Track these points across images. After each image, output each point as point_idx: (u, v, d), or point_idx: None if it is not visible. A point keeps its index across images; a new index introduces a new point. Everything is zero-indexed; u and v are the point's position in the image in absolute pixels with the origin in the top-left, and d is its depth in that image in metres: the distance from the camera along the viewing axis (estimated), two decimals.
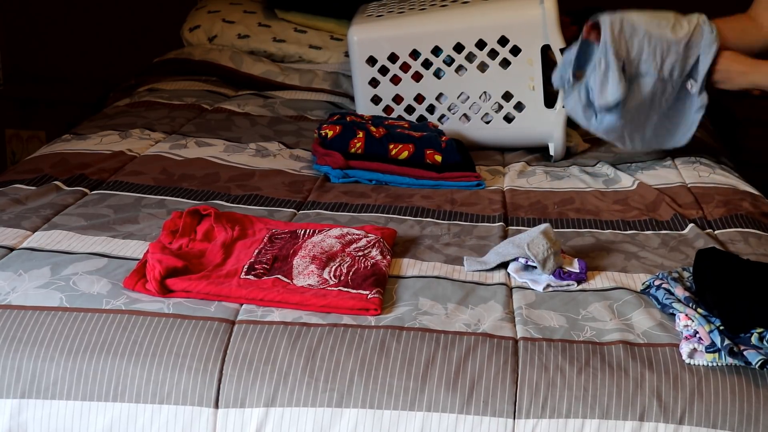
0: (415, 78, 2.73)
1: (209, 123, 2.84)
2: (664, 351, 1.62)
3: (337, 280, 1.78)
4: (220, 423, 1.56)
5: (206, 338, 1.62)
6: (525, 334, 1.65)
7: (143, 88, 3.21)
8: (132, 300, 1.71)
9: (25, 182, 2.26)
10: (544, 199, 2.34)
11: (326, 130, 2.49)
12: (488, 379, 1.56)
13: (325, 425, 1.55)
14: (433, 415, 1.54)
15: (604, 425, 1.53)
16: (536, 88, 2.67)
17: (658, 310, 1.74)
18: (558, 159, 2.69)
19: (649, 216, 2.23)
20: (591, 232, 2.13)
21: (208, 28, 3.52)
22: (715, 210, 2.26)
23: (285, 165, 2.52)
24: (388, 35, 2.72)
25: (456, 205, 2.26)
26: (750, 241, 2.08)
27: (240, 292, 1.72)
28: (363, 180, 2.42)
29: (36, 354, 1.60)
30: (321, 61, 3.43)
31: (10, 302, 1.68)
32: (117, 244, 1.93)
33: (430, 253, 1.97)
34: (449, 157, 2.44)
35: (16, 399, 1.58)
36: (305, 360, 1.58)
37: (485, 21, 2.67)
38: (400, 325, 1.66)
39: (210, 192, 2.28)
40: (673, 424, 1.53)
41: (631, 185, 2.44)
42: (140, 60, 3.68)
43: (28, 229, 1.99)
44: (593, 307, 1.75)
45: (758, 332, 1.58)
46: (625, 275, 1.89)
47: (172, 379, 1.57)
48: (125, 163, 2.45)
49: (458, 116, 2.74)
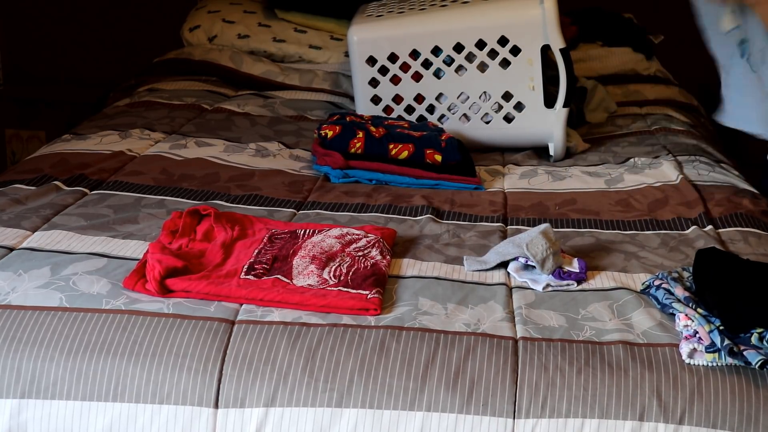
0: (415, 78, 2.73)
1: (209, 123, 2.84)
2: (663, 351, 1.62)
3: (337, 280, 1.78)
4: (219, 423, 1.56)
5: (206, 338, 1.62)
6: (525, 334, 1.65)
7: (143, 88, 3.21)
8: (132, 300, 1.70)
9: (25, 182, 2.26)
10: (545, 200, 2.34)
11: (326, 130, 2.49)
12: (488, 379, 1.56)
13: (324, 425, 1.55)
14: (433, 415, 1.54)
15: (603, 425, 1.53)
16: (536, 88, 2.67)
17: (657, 310, 1.74)
18: (558, 159, 2.69)
19: (649, 216, 2.23)
20: (591, 232, 2.13)
21: (208, 28, 3.52)
22: (716, 208, 2.26)
23: (285, 165, 2.52)
24: (388, 35, 2.72)
25: (456, 206, 2.26)
26: (750, 241, 2.08)
27: (240, 292, 1.72)
28: (363, 180, 2.42)
29: (36, 354, 1.60)
30: (321, 61, 3.43)
31: (10, 302, 1.68)
32: (117, 244, 1.93)
33: (429, 253, 1.97)
34: (449, 156, 2.44)
35: (16, 399, 1.58)
36: (305, 360, 1.58)
37: (485, 21, 2.67)
38: (400, 325, 1.66)
39: (210, 192, 2.28)
40: (673, 424, 1.53)
41: (634, 185, 2.44)
42: (140, 60, 3.68)
43: (28, 229, 1.99)
44: (593, 307, 1.75)
45: (758, 332, 1.58)
46: (625, 275, 1.89)
47: (172, 379, 1.57)
48: (125, 163, 2.45)
49: (458, 116, 2.74)
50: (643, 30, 3.64)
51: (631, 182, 2.47)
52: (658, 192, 2.38)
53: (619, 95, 3.28)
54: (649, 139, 2.85)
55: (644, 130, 2.96)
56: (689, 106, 3.33)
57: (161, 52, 3.56)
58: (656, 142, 2.83)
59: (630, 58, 3.52)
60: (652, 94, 3.34)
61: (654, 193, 2.37)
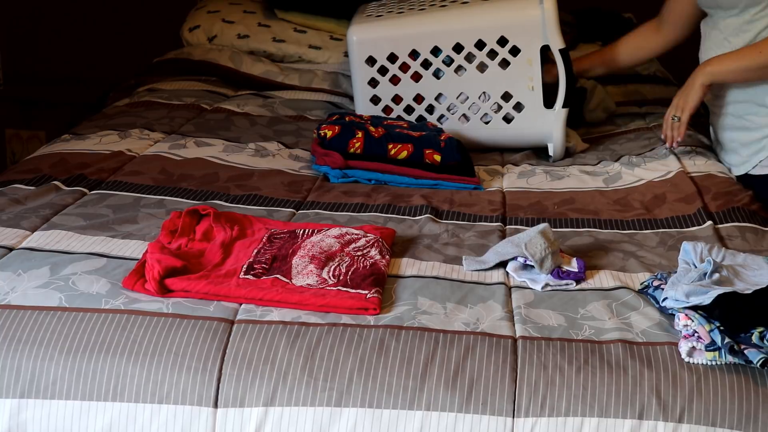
0: (414, 78, 2.73)
1: (209, 123, 2.84)
2: (663, 349, 1.62)
3: (336, 279, 1.78)
4: (219, 423, 1.56)
5: (205, 338, 1.62)
6: (524, 333, 1.65)
7: (143, 88, 3.21)
8: (131, 300, 1.71)
9: (25, 182, 2.26)
10: (544, 200, 2.34)
11: (325, 130, 2.49)
12: (487, 378, 1.56)
13: (324, 424, 1.55)
14: (432, 414, 1.54)
15: (603, 424, 1.53)
16: (535, 89, 2.67)
17: (657, 309, 1.74)
18: (557, 159, 2.69)
19: (648, 216, 2.23)
20: (590, 232, 2.13)
21: (207, 28, 3.52)
22: (713, 202, 2.26)
23: (284, 165, 2.52)
24: (388, 35, 2.72)
25: (455, 206, 2.26)
26: (747, 237, 2.08)
27: (239, 291, 1.72)
28: (362, 180, 2.42)
29: (35, 354, 1.60)
30: (320, 61, 3.43)
31: (10, 302, 1.68)
32: (116, 244, 1.93)
33: (429, 252, 1.97)
34: (448, 156, 2.44)
35: (16, 399, 1.58)
36: (304, 359, 1.59)
37: (485, 21, 2.67)
38: (399, 324, 1.66)
39: (209, 192, 2.28)
40: (672, 423, 1.53)
41: (633, 182, 2.44)
42: (140, 60, 3.68)
43: (28, 229, 1.99)
44: (592, 306, 1.75)
45: (759, 331, 1.58)
46: (624, 274, 1.89)
47: (172, 378, 1.57)
48: (124, 163, 2.45)
49: (457, 116, 2.74)
50: None
51: (629, 179, 2.46)
52: (656, 188, 2.38)
53: (619, 95, 3.27)
54: (646, 134, 2.85)
55: (642, 127, 2.97)
56: None
57: (161, 52, 3.56)
58: (653, 135, 2.83)
59: None
60: (652, 93, 3.34)
61: (652, 190, 2.37)
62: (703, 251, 1.83)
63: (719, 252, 1.85)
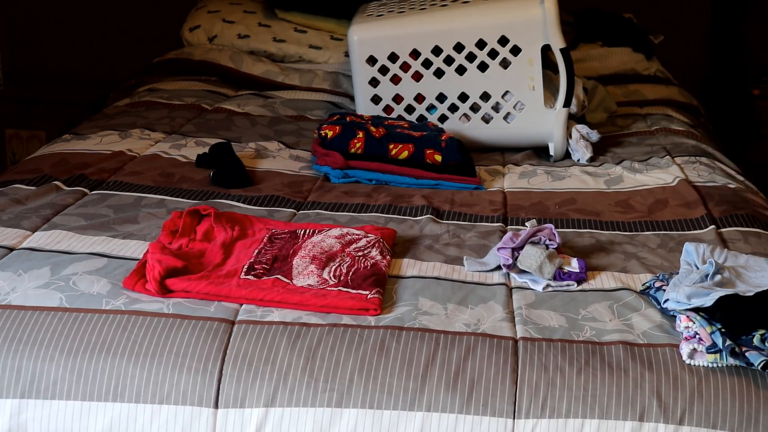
0: (415, 78, 2.73)
1: (209, 123, 2.84)
2: (664, 351, 1.61)
3: (337, 280, 1.77)
4: (219, 423, 1.56)
5: (206, 338, 1.61)
6: (525, 334, 1.65)
7: (143, 88, 3.21)
8: (132, 300, 1.70)
9: (25, 182, 2.26)
10: (545, 200, 2.34)
11: (326, 130, 2.49)
12: (488, 379, 1.56)
13: (324, 425, 1.55)
14: (433, 415, 1.54)
15: (603, 425, 1.53)
16: (536, 88, 2.67)
17: (658, 311, 1.74)
18: (558, 159, 2.69)
19: (650, 218, 2.22)
20: (591, 233, 2.12)
21: (208, 28, 3.52)
22: (716, 208, 2.26)
23: (285, 165, 2.52)
24: (388, 35, 2.72)
25: (456, 206, 2.26)
26: (750, 240, 2.08)
27: (240, 292, 1.72)
28: (363, 180, 2.42)
29: (36, 354, 1.60)
30: (321, 61, 3.43)
31: (10, 302, 1.68)
32: (117, 244, 1.93)
33: (429, 253, 1.97)
34: (449, 156, 2.44)
35: (16, 399, 1.58)
36: (305, 360, 1.58)
37: (485, 21, 2.67)
38: (400, 325, 1.66)
39: (210, 192, 2.28)
40: (673, 425, 1.53)
41: (633, 185, 2.44)
42: (140, 60, 3.68)
43: (28, 229, 1.99)
44: (593, 307, 1.75)
45: (760, 334, 1.58)
46: (625, 275, 1.89)
47: (172, 379, 1.57)
48: (125, 163, 2.45)
49: (458, 116, 2.74)
50: (643, 30, 3.64)
51: (630, 183, 2.46)
52: (657, 194, 2.38)
53: (620, 95, 3.28)
54: (648, 140, 2.85)
55: (644, 130, 2.96)
56: (689, 106, 3.33)
57: (161, 52, 3.56)
58: (656, 142, 2.83)
59: (630, 58, 3.52)
60: (652, 94, 3.34)
61: (654, 195, 2.37)
62: (705, 252, 1.82)
63: (721, 253, 1.85)
